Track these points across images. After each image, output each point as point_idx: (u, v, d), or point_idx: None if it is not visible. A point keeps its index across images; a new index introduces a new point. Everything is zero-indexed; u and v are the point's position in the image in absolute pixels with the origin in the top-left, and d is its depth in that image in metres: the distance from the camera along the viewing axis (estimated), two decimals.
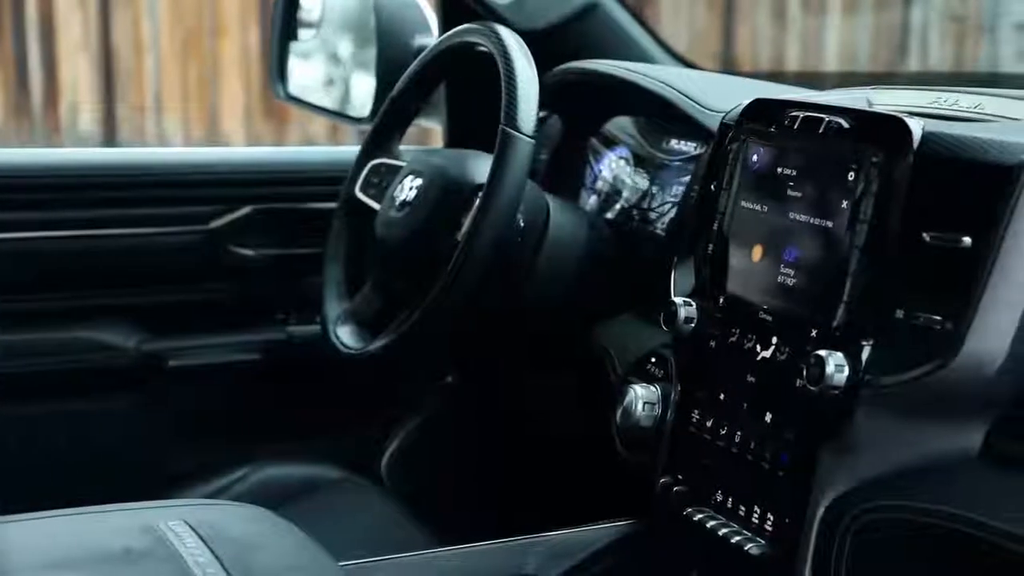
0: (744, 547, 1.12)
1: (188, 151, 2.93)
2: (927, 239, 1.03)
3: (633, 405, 1.26)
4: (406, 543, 1.40)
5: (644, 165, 1.56)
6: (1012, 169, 0.99)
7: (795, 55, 4.53)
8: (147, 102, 5.50)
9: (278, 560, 1.07)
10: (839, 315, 1.07)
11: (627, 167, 1.59)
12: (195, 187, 1.80)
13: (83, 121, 5.47)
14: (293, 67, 1.91)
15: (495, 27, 1.41)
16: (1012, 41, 3.99)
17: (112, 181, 1.77)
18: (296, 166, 1.91)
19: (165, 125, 5.51)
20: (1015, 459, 1.01)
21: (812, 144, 1.13)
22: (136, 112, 5.51)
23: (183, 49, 5.41)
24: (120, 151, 3.00)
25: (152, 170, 1.80)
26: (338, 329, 1.48)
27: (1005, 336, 0.99)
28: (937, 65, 4.13)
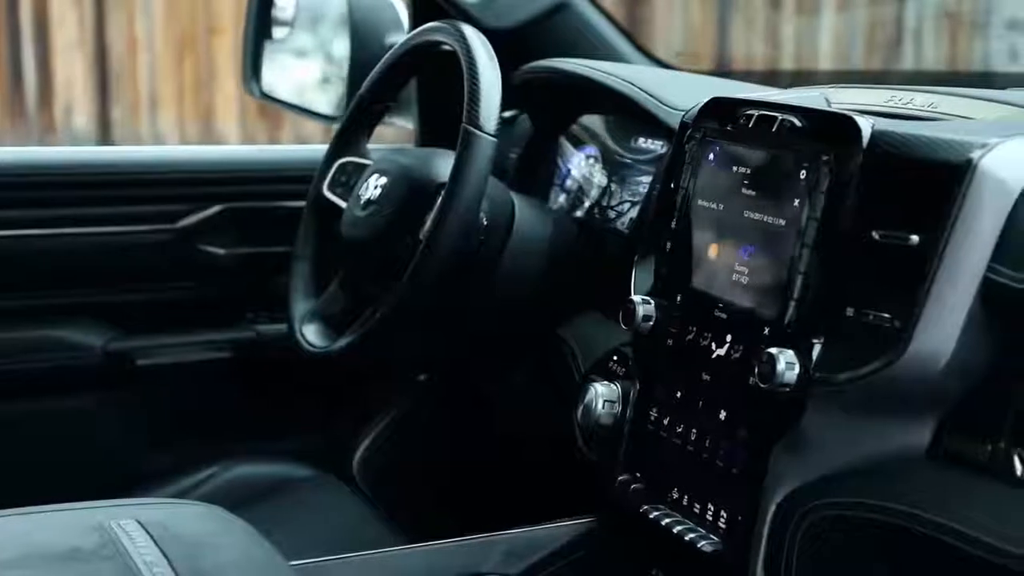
0: (697, 544, 1.13)
1: (158, 149, 2.92)
2: (876, 237, 1.04)
3: (593, 403, 1.27)
4: (373, 542, 1.40)
5: (612, 164, 1.57)
6: (959, 167, 0.99)
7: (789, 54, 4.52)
8: (142, 101, 5.50)
9: (227, 559, 1.07)
10: (789, 313, 1.07)
11: (595, 166, 1.59)
12: (164, 186, 1.80)
13: (78, 120, 5.47)
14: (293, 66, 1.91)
15: (459, 25, 1.42)
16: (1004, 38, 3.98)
17: (80, 180, 1.77)
18: (266, 165, 1.92)
19: (160, 124, 5.52)
20: (962, 457, 1.01)
21: (766, 142, 1.13)
22: (131, 111, 5.52)
23: (178, 48, 5.41)
24: (88, 149, 3.00)
25: (121, 169, 1.81)
26: (304, 328, 1.48)
27: (951, 334, 0.99)
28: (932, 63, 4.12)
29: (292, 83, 1.92)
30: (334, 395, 1.87)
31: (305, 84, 1.93)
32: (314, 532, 1.60)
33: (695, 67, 4.68)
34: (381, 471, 1.84)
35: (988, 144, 0.99)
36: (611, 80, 1.49)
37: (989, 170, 0.98)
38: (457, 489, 1.80)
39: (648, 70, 1.62)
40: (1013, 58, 3.82)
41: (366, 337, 1.38)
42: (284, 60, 1.91)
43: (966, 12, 4.04)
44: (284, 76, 1.91)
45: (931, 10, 4.16)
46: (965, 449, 1.01)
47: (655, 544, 1.20)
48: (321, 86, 1.91)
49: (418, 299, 1.34)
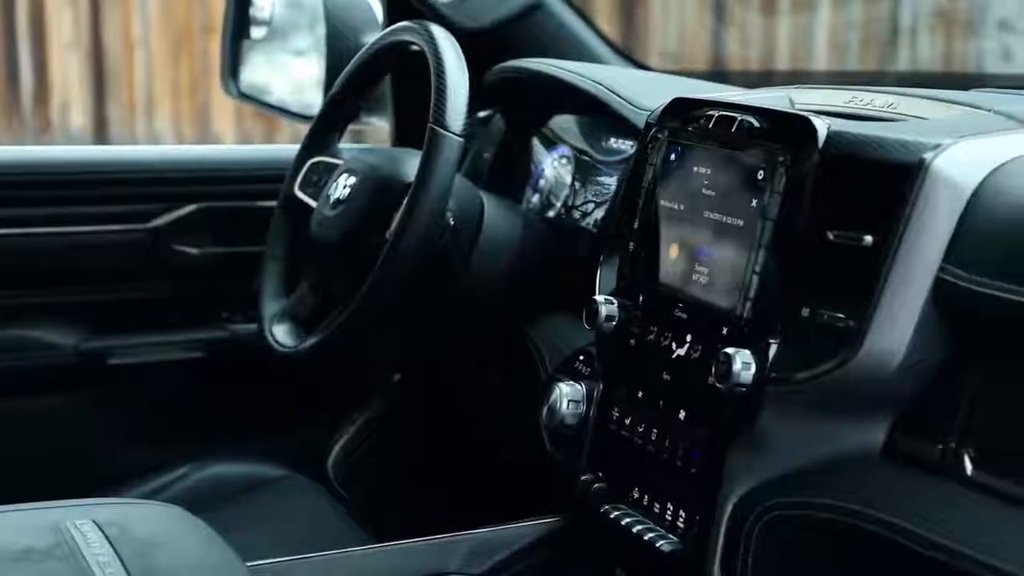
0: (656, 544, 1.13)
1: (131, 149, 2.92)
2: (831, 237, 1.04)
3: (558, 403, 1.27)
4: (342, 542, 1.39)
5: (584, 164, 1.57)
6: (911, 168, 0.99)
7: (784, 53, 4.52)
8: (138, 101, 5.51)
9: (181, 559, 1.07)
10: (746, 313, 1.08)
11: (568, 166, 1.60)
12: (138, 185, 1.80)
13: (74, 120, 5.48)
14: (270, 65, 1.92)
15: (428, 26, 1.42)
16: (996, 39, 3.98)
17: (53, 179, 1.77)
18: (240, 164, 1.92)
19: (156, 124, 5.53)
20: (915, 456, 1.01)
21: (725, 143, 1.14)
22: (127, 111, 5.53)
23: (174, 48, 5.42)
24: (60, 149, 3.00)
25: (94, 168, 1.81)
26: (274, 327, 1.48)
27: (904, 334, 0.99)
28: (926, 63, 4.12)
29: (269, 83, 1.93)
30: (308, 395, 1.88)
31: (282, 84, 1.93)
32: (283, 532, 1.61)
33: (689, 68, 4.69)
34: (355, 471, 1.84)
35: (940, 145, 0.99)
36: (579, 80, 1.49)
37: (941, 171, 0.98)
38: (430, 489, 1.81)
39: (618, 70, 1.62)
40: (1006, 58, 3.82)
41: (332, 337, 1.38)
42: (262, 60, 1.91)
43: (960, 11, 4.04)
44: (262, 76, 1.91)
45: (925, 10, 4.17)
46: (918, 449, 1.01)
47: (617, 544, 1.20)
48: (298, 86, 1.92)
49: (384, 298, 1.34)
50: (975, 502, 0.95)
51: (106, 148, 3.18)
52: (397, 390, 1.88)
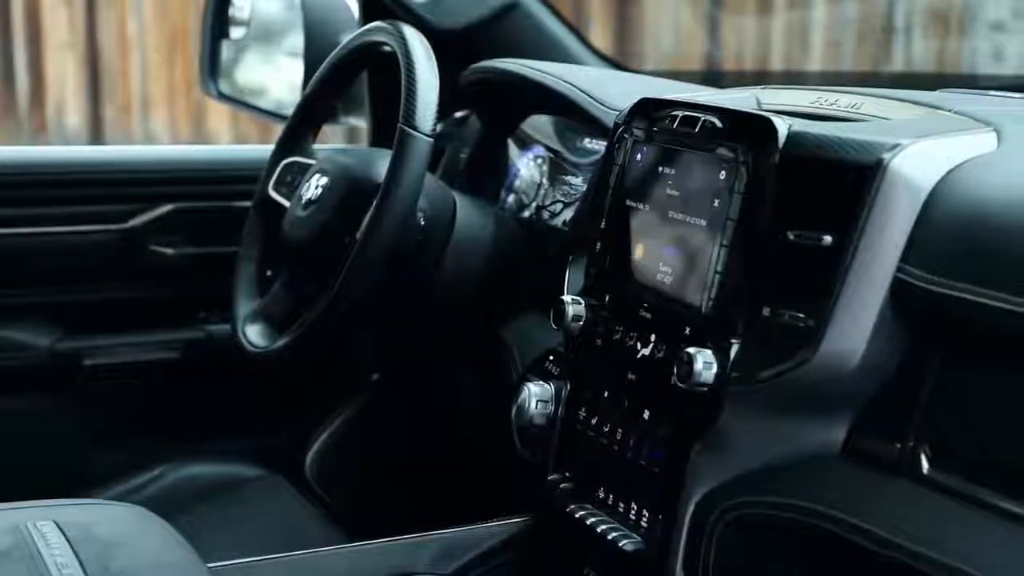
0: (619, 543, 1.13)
1: (107, 149, 2.92)
2: (792, 237, 1.04)
3: (527, 403, 1.27)
4: (316, 542, 1.39)
5: (558, 164, 1.57)
6: (869, 168, 0.99)
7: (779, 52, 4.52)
8: (133, 101, 5.51)
9: (140, 560, 1.07)
10: (708, 313, 1.08)
11: (543, 166, 1.60)
12: (113, 185, 1.80)
13: (70, 120, 5.48)
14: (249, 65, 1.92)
15: (400, 26, 1.42)
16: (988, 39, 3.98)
17: (27, 179, 1.77)
18: (216, 164, 1.92)
19: (151, 124, 5.53)
20: (874, 456, 1.01)
21: (689, 143, 1.14)
22: (123, 111, 5.53)
23: (169, 48, 5.42)
24: (36, 149, 3.00)
25: (69, 168, 1.81)
26: (247, 328, 1.48)
27: (862, 334, 0.99)
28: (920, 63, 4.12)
29: (247, 83, 1.93)
30: (285, 396, 1.88)
31: (261, 84, 1.94)
32: (258, 532, 1.61)
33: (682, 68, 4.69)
34: (333, 471, 1.85)
35: (899, 145, 0.99)
36: (550, 80, 1.49)
37: (899, 171, 0.98)
38: (408, 489, 1.81)
39: (591, 71, 1.62)
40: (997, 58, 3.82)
41: (303, 337, 1.38)
42: (240, 60, 1.91)
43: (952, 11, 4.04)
44: (240, 76, 1.91)
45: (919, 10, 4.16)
46: (876, 448, 1.01)
47: (583, 543, 1.20)
48: (276, 86, 1.92)
49: (354, 298, 1.34)
50: (931, 501, 0.95)
51: (81, 148, 3.18)
52: (375, 390, 1.88)
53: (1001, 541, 0.90)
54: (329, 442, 1.87)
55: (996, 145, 1.02)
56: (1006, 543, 0.90)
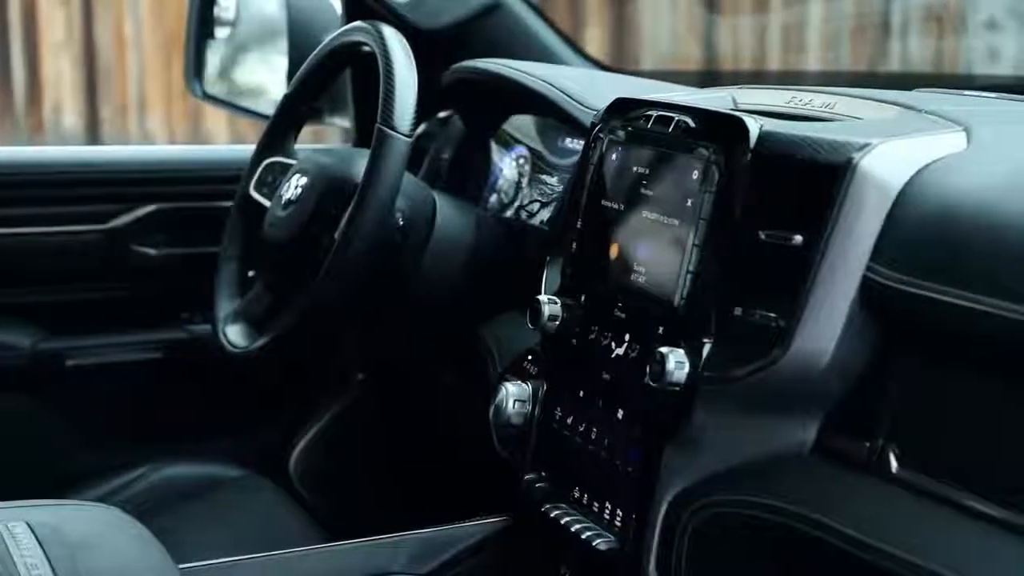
0: (593, 543, 1.14)
1: (90, 149, 2.92)
2: (763, 237, 1.04)
3: (504, 402, 1.27)
4: (295, 543, 1.39)
5: (540, 164, 1.58)
6: (839, 168, 0.99)
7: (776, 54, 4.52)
8: (130, 101, 5.52)
9: (111, 561, 1.07)
10: (680, 312, 1.08)
11: (525, 166, 1.60)
12: (96, 185, 1.80)
13: (66, 120, 5.49)
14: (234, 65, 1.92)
15: (379, 26, 1.42)
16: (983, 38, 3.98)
17: (10, 179, 1.77)
18: (199, 165, 1.92)
19: (148, 124, 5.53)
20: (844, 455, 1.02)
21: (663, 143, 1.14)
22: (119, 111, 5.53)
23: (166, 48, 5.42)
24: (18, 149, 2.99)
25: (52, 168, 1.81)
26: (227, 328, 1.49)
27: (832, 334, 0.99)
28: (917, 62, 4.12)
29: (233, 83, 1.93)
30: (268, 396, 1.88)
31: (246, 84, 1.94)
32: (239, 533, 1.61)
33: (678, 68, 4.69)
34: (316, 471, 1.85)
35: (868, 145, 0.99)
36: (530, 80, 1.49)
37: (868, 170, 0.98)
38: (391, 489, 1.81)
39: (572, 71, 1.62)
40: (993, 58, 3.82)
41: (281, 336, 1.38)
42: (226, 60, 1.91)
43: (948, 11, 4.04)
44: (225, 76, 1.91)
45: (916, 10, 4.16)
46: (846, 447, 1.01)
47: (561, 543, 1.21)
48: (261, 86, 1.92)
49: (332, 299, 1.35)
50: (900, 500, 0.95)
51: (63, 149, 3.18)
52: (359, 390, 1.89)
53: (969, 540, 0.90)
54: (313, 442, 1.87)
55: (965, 145, 1.02)
56: (974, 542, 0.90)
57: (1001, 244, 0.91)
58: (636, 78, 1.77)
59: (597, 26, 4.72)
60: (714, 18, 4.50)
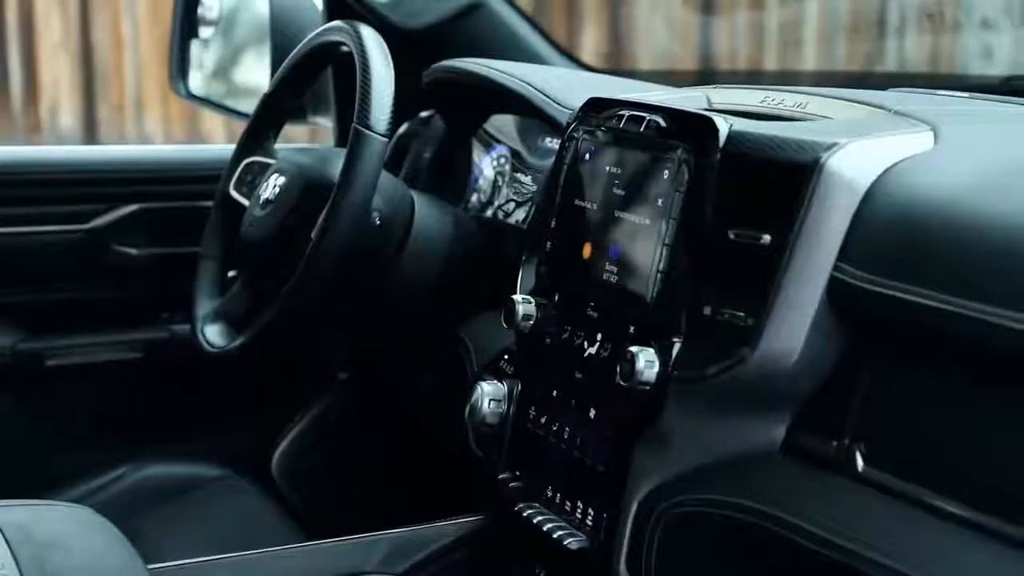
0: (564, 542, 1.14)
1: (71, 149, 2.92)
2: (732, 236, 1.04)
3: (479, 402, 1.27)
4: (276, 543, 1.39)
5: (521, 164, 1.58)
6: (806, 167, 0.99)
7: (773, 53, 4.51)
8: (127, 101, 5.52)
9: (79, 562, 1.07)
10: (650, 311, 1.08)
11: (506, 166, 1.60)
12: (77, 185, 1.80)
13: (63, 120, 5.49)
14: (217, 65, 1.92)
15: (357, 25, 1.42)
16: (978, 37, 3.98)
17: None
18: (181, 164, 1.92)
19: (145, 124, 5.54)
20: (813, 454, 1.02)
21: (635, 143, 1.14)
22: (116, 111, 5.54)
23: (163, 48, 5.41)
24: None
25: (33, 168, 1.81)
26: (206, 327, 1.49)
27: (800, 333, 0.99)
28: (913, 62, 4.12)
29: (217, 83, 1.93)
30: (250, 395, 1.88)
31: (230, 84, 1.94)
32: (217, 533, 1.61)
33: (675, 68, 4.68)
34: (299, 471, 1.85)
35: (836, 144, 0.99)
36: (507, 80, 1.49)
37: (835, 170, 0.98)
38: (374, 488, 1.81)
39: (552, 70, 1.62)
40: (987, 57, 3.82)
41: (259, 336, 1.38)
42: (210, 59, 1.91)
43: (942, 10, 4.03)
44: (209, 75, 1.92)
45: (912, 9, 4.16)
46: (814, 446, 1.01)
47: (534, 542, 1.21)
48: (245, 85, 1.92)
49: (309, 298, 1.35)
50: (866, 499, 0.95)
51: (46, 148, 3.18)
52: (342, 389, 1.89)
53: (934, 539, 0.90)
54: (295, 442, 1.87)
55: (933, 144, 1.02)
56: (938, 542, 0.90)
57: (965, 244, 0.91)
58: (617, 78, 1.76)
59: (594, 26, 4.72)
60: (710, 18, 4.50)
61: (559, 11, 4.59)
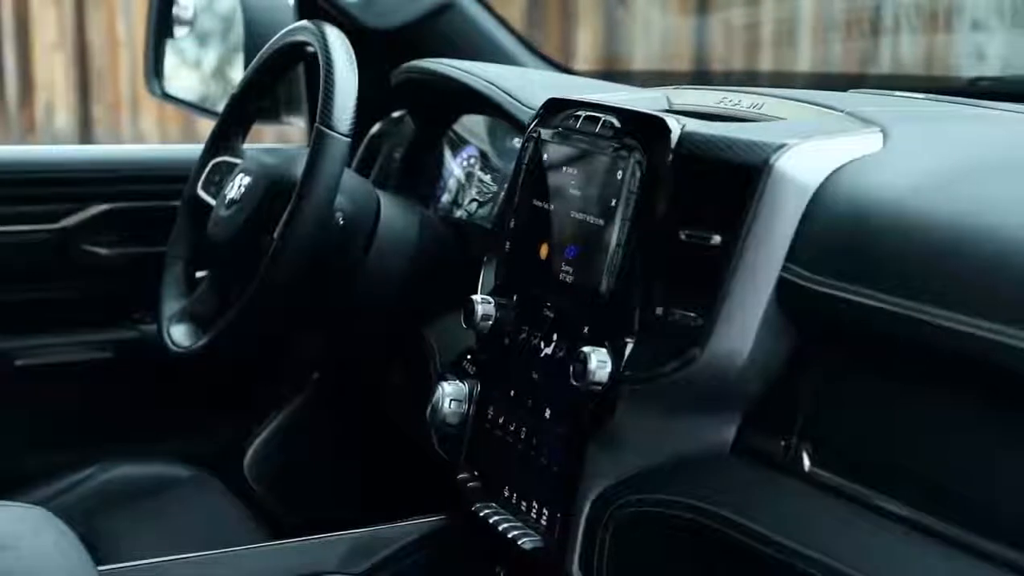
0: (519, 541, 1.14)
1: (40, 149, 2.91)
2: (683, 237, 1.04)
3: (440, 402, 1.27)
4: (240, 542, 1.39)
5: (489, 164, 1.58)
6: (755, 168, 0.99)
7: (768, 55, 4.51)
8: (123, 101, 5.52)
9: (27, 563, 1.06)
10: (604, 312, 1.08)
11: (475, 166, 1.60)
12: (46, 185, 1.80)
13: (59, 120, 5.49)
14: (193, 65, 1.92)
15: (322, 26, 1.42)
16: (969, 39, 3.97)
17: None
18: (151, 164, 1.92)
19: (141, 124, 5.53)
20: (762, 454, 1.02)
21: (590, 143, 1.14)
22: (112, 111, 5.53)
23: None
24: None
25: (2, 168, 1.81)
26: (172, 328, 1.49)
27: (748, 334, 1.00)
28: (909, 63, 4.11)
29: (192, 83, 1.93)
30: (221, 396, 1.88)
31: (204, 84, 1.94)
32: (184, 533, 1.61)
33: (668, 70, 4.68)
34: (272, 470, 1.85)
35: (785, 145, 0.99)
36: (470, 79, 1.49)
37: (784, 171, 0.98)
38: (347, 488, 1.81)
39: (518, 71, 1.62)
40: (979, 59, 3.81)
41: (223, 336, 1.39)
42: (184, 59, 1.91)
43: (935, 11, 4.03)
44: (185, 75, 1.92)
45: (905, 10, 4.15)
46: (763, 446, 1.01)
47: (489, 542, 1.21)
48: (220, 85, 1.92)
49: (272, 298, 1.35)
50: (813, 499, 0.96)
51: (15, 148, 3.18)
52: (314, 389, 1.89)
53: (877, 541, 0.90)
54: (268, 442, 1.87)
55: (881, 145, 1.02)
56: (882, 543, 0.90)
57: (909, 245, 0.91)
58: (585, 79, 1.77)
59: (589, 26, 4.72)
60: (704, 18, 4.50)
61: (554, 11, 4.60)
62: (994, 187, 0.95)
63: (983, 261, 0.86)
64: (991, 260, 0.86)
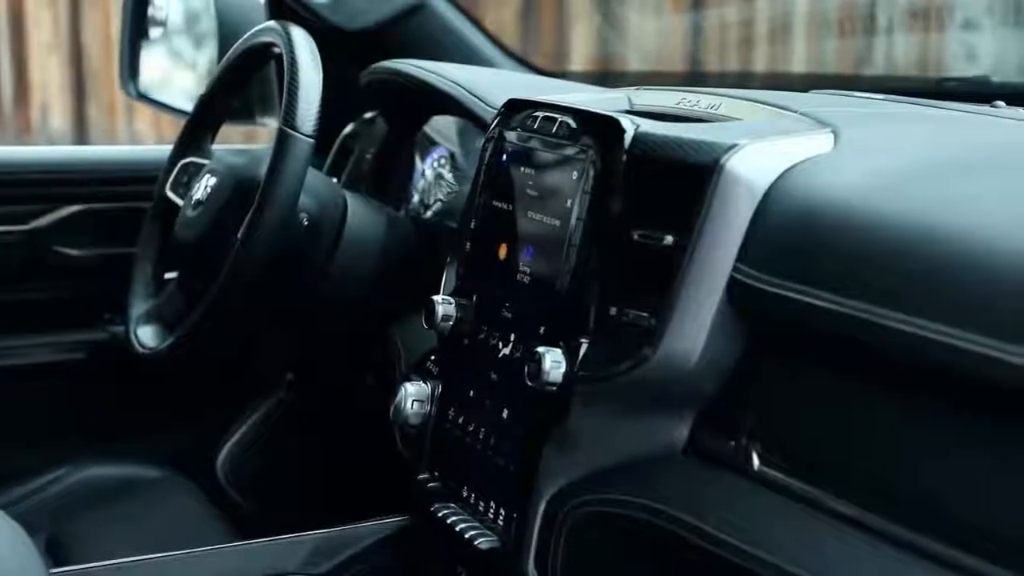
0: (475, 542, 1.14)
1: (11, 149, 2.90)
2: (636, 237, 1.04)
3: (403, 402, 1.27)
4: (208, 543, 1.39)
5: (459, 165, 1.58)
6: (706, 169, 0.99)
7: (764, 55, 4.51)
8: (118, 101, 5.52)
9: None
10: (558, 312, 1.08)
11: (445, 166, 1.60)
12: (16, 186, 1.80)
13: (54, 121, 5.49)
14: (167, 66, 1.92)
15: (287, 26, 1.42)
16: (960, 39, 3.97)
17: None
18: (123, 165, 1.92)
19: (136, 124, 5.53)
20: (713, 453, 1.02)
21: (547, 144, 1.14)
22: (107, 112, 5.53)
23: None
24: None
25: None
26: (139, 329, 1.49)
27: (700, 334, 1.00)
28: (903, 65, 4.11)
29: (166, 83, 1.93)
30: (194, 396, 1.88)
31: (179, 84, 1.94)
32: (154, 534, 1.60)
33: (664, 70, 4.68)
34: (245, 472, 1.84)
35: (736, 146, 0.99)
36: (435, 79, 1.49)
37: (735, 171, 0.98)
38: (319, 489, 1.81)
39: (488, 71, 1.62)
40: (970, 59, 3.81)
41: (187, 337, 1.39)
42: (159, 60, 1.91)
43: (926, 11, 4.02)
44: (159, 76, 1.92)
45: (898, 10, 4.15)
46: (715, 445, 1.02)
47: (448, 542, 1.21)
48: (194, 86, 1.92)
49: (235, 299, 1.35)
50: (763, 499, 0.96)
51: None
52: (288, 390, 1.88)
53: (826, 540, 0.90)
54: (241, 443, 1.87)
55: (832, 146, 1.02)
56: (829, 542, 0.90)
57: (858, 245, 0.91)
58: (554, 79, 1.76)
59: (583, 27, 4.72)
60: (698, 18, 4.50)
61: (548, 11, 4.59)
62: (944, 187, 0.95)
63: (929, 261, 0.86)
64: (937, 261, 0.86)
